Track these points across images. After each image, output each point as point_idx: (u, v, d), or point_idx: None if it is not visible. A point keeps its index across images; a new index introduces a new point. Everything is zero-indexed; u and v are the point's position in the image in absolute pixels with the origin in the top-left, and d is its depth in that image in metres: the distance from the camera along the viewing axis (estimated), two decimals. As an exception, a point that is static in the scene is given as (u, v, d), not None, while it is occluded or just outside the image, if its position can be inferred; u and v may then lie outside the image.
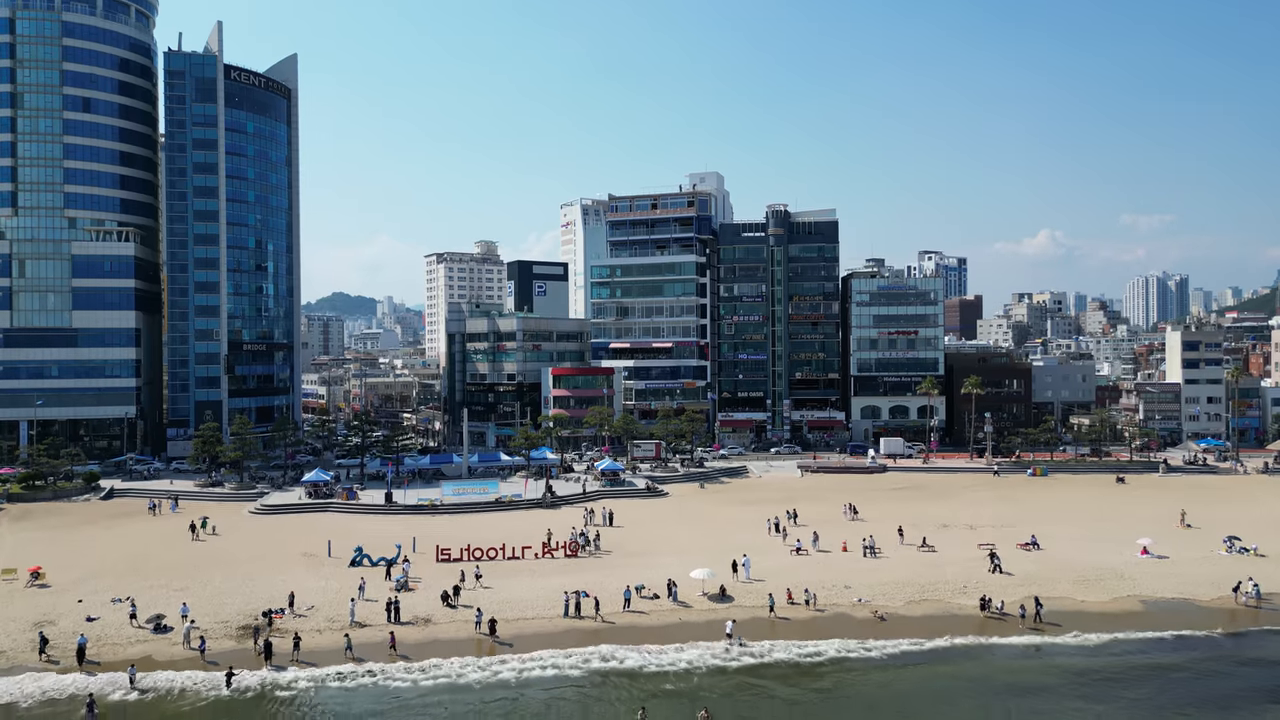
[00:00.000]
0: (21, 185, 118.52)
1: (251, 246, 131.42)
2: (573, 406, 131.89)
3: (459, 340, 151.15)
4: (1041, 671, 48.21)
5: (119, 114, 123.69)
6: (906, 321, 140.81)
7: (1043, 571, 64.66)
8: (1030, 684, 46.50)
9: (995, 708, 43.80)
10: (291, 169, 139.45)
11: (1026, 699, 44.51)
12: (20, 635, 52.31)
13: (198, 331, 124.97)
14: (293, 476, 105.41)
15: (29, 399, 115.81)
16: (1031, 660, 49.90)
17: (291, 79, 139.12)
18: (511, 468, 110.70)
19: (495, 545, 70.18)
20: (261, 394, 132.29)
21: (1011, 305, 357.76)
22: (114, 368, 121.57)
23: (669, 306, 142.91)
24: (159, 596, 58.79)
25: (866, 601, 58.25)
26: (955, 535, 76.60)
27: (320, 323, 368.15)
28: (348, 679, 46.94)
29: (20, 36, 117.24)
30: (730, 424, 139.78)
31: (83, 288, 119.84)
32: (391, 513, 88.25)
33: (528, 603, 57.64)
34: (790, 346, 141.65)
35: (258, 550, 73.18)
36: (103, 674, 46.88)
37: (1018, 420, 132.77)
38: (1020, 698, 44.69)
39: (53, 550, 72.09)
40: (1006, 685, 46.51)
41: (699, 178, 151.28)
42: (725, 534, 76.42)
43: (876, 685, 46.43)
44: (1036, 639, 52.67)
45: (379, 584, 61.51)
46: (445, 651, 50.15)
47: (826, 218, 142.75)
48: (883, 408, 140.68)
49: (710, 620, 54.97)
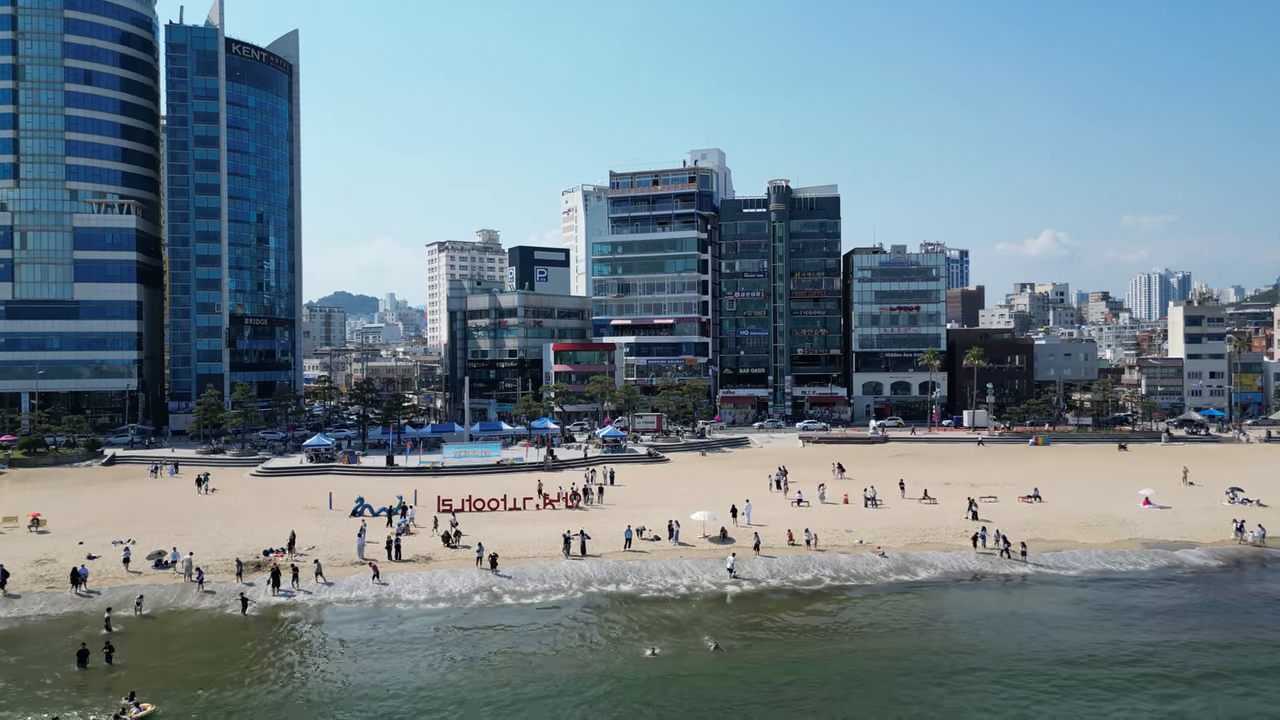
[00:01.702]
0: (23, 157, 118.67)
1: (253, 221, 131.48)
2: (574, 382, 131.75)
3: (460, 317, 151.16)
4: (1039, 597, 48.43)
5: (120, 87, 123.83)
6: (908, 297, 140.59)
7: (1044, 519, 64.63)
8: (1023, 609, 46.78)
9: (986, 626, 43.89)
10: (293, 145, 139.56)
11: (1018, 622, 44.65)
12: (22, 571, 52.33)
13: (199, 305, 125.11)
14: (294, 445, 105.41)
15: (30, 371, 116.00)
16: (1024, 589, 50.39)
17: (293, 54, 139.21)
18: (513, 437, 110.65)
19: (497, 497, 70.18)
20: (263, 369, 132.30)
21: (1014, 295, 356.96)
22: (115, 340, 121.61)
23: (670, 283, 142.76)
24: (160, 541, 58.72)
25: (867, 543, 58.19)
26: (957, 491, 76.38)
27: (322, 314, 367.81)
28: (351, 601, 47.09)
29: (21, 8, 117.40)
30: (732, 400, 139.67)
31: (84, 260, 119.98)
32: (393, 474, 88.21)
33: (528, 543, 57.66)
34: (792, 323, 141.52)
35: (259, 504, 73.25)
36: (109, 600, 46.93)
37: (1019, 396, 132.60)
38: (1013, 621, 44.80)
39: (54, 505, 72.06)
40: (1000, 609, 46.69)
41: (700, 154, 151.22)
42: (727, 490, 76.11)
43: (873, 610, 46.45)
44: (1027, 569, 53.15)
45: (380, 531, 61.45)
46: (447, 583, 50.22)
47: (828, 193, 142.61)
48: (884, 384, 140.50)
49: (710, 557, 54.96)
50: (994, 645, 41.19)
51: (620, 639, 42.26)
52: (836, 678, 37.53)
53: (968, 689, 36.37)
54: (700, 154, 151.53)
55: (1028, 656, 39.70)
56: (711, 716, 34.07)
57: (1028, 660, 39.29)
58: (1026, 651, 40.30)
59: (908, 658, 39.60)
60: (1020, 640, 41.78)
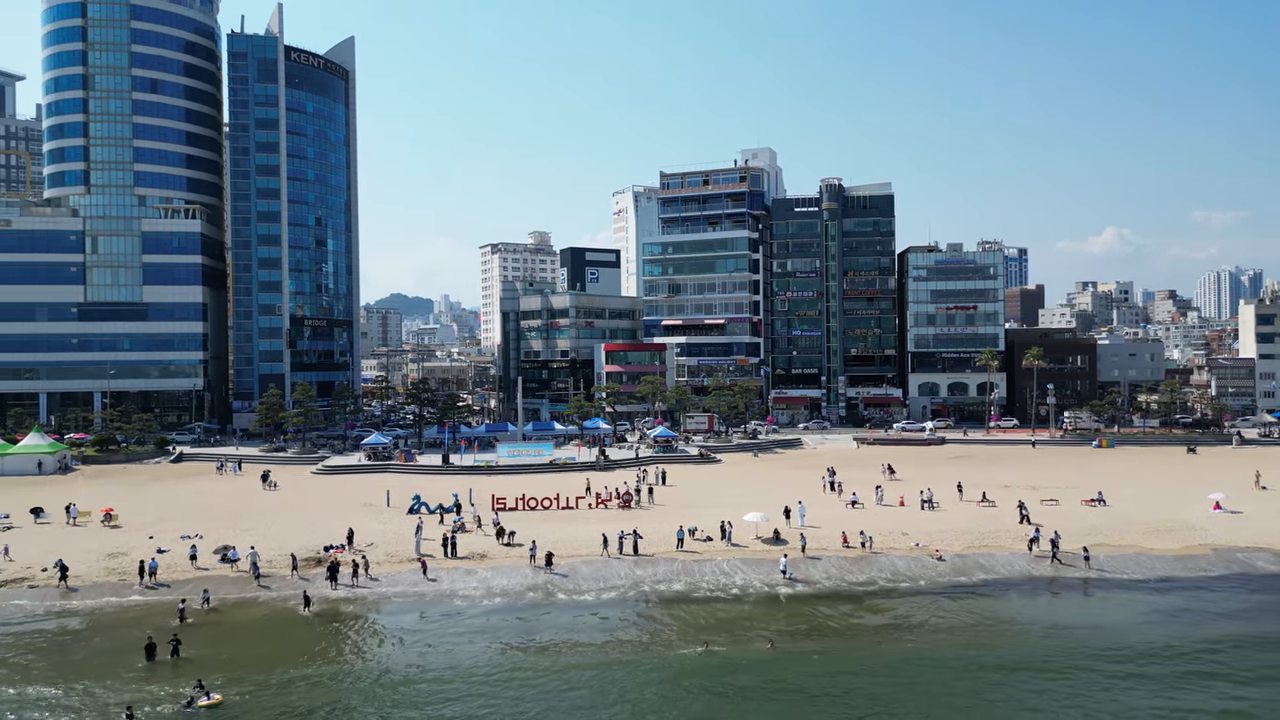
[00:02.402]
0: (94, 164, 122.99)
1: (311, 224, 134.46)
2: (625, 382, 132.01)
3: (513, 318, 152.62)
4: (1101, 602, 47.33)
5: (185, 95, 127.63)
6: (965, 296, 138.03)
7: (1108, 523, 62.86)
8: (1084, 613, 45.87)
9: (1044, 629, 43.07)
10: (349, 149, 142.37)
11: (1078, 625, 43.80)
12: (95, 564, 54.31)
13: (261, 307, 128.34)
14: (353, 444, 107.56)
15: (102, 371, 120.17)
16: (1086, 593, 49.30)
17: (349, 61, 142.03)
18: (565, 436, 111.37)
19: (550, 496, 70.71)
20: (322, 369, 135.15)
21: (1075, 294, 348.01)
22: (182, 341, 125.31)
23: (721, 283, 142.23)
24: (225, 536, 60.36)
25: (924, 545, 57.27)
26: (1016, 494, 74.58)
27: (379, 315, 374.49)
28: (408, 596, 47.98)
29: (91, 20, 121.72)
30: (784, 400, 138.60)
31: (152, 263, 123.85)
32: (448, 473, 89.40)
33: (581, 542, 57.94)
34: (845, 322, 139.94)
35: (319, 501, 74.92)
36: (176, 593, 48.41)
37: (1081, 397, 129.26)
38: (1072, 624, 43.95)
39: (125, 500, 74.45)
40: (1059, 612, 45.83)
41: (751, 153, 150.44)
42: (779, 491, 75.54)
43: (929, 612, 45.77)
44: (1089, 573, 52.01)
45: (437, 528, 62.33)
46: (501, 581, 50.84)
47: (881, 191, 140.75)
48: (941, 384, 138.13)
49: (764, 559, 54.63)
50: (1051, 647, 40.53)
51: (673, 636, 42.40)
52: (891, 676, 37.36)
53: (1024, 688, 35.97)
54: (751, 153, 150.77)
55: (1086, 657, 39.00)
56: (765, 708, 34.04)
57: (1086, 660, 38.66)
58: (1084, 653, 39.56)
59: (963, 658, 39.19)
60: (1078, 642, 41.04)
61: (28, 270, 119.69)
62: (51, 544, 57.99)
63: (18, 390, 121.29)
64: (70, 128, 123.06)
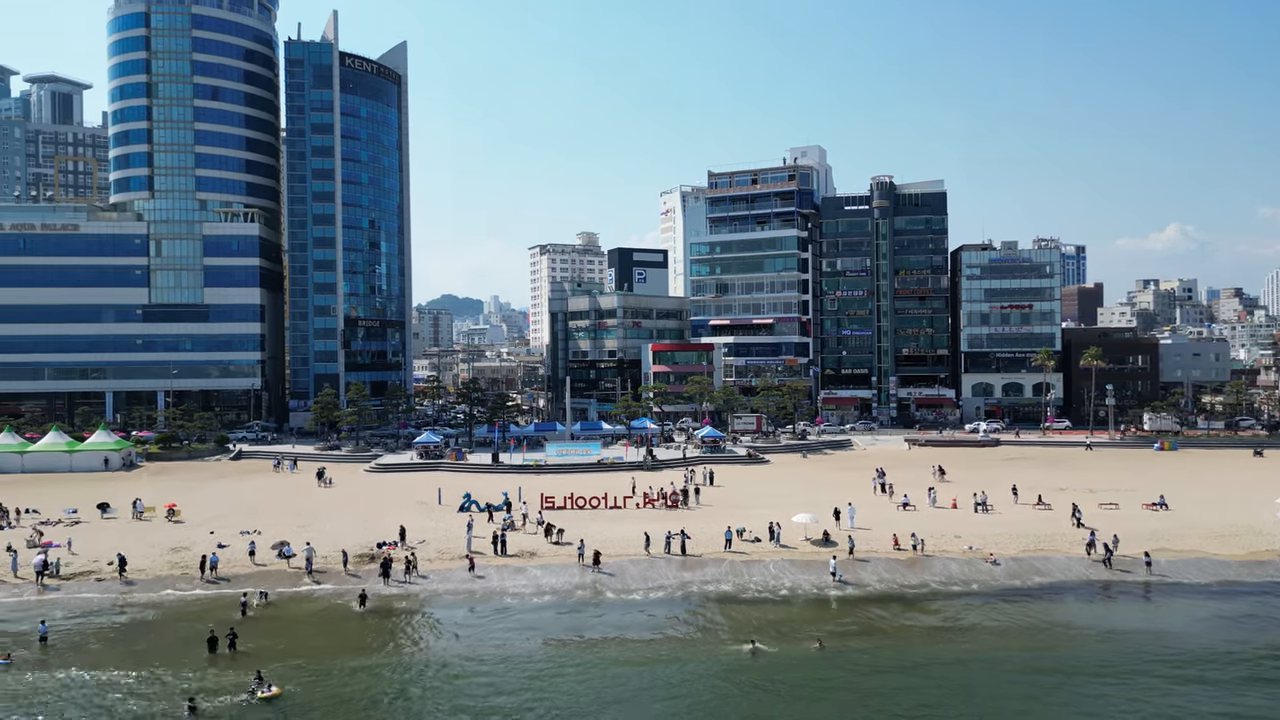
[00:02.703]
0: (157, 170, 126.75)
1: (365, 227, 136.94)
2: (672, 382, 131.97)
3: (561, 319, 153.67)
4: (1162, 608, 46.18)
5: (244, 102, 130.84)
6: (1020, 295, 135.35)
7: (1170, 528, 61.17)
8: (1144, 618, 44.87)
9: (1102, 633, 42.17)
10: (401, 152, 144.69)
11: (1137, 630, 42.78)
12: (159, 558, 56.02)
13: (316, 308, 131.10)
14: (405, 442, 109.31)
15: (165, 370, 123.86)
16: (1146, 598, 48.16)
17: (401, 65, 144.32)
18: (613, 436, 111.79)
19: (598, 495, 71.08)
20: (375, 369, 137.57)
21: (1136, 293, 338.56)
22: (240, 342, 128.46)
23: (770, 282, 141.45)
24: (283, 532, 61.70)
25: (978, 549, 56.30)
26: (1073, 497, 72.89)
27: (430, 316, 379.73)
28: (459, 593, 48.75)
29: (155, 29, 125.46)
30: (834, 401, 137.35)
31: (212, 266, 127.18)
32: (498, 471, 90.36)
33: (629, 541, 58.10)
34: (896, 322, 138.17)
35: (372, 498, 76.29)
36: (235, 588, 49.76)
37: (1142, 398, 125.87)
38: (1131, 629, 42.93)
39: (187, 497, 76.63)
40: (1118, 617, 44.72)
41: (800, 152, 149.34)
42: (829, 492, 74.92)
43: (982, 616, 45.03)
44: (1150, 578, 50.80)
45: (486, 526, 63.10)
46: (550, 580, 51.32)
47: (934, 189, 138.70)
48: (995, 385, 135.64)
49: (813, 561, 54.23)
50: (1109, 650, 39.80)
51: (722, 635, 42.43)
52: (944, 679, 37.02)
53: (1081, 693, 35.39)
54: (800, 151, 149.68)
55: (1145, 662, 38.32)
56: (814, 707, 33.92)
57: (1145, 664, 38.02)
58: (1143, 657, 38.82)
59: (1017, 661, 38.74)
60: (1137, 646, 40.26)
61: (95, 273, 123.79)
62: (117, 538, 59.92)
63: (85, 389, 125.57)
64: (135, 134, 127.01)
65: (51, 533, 62.04)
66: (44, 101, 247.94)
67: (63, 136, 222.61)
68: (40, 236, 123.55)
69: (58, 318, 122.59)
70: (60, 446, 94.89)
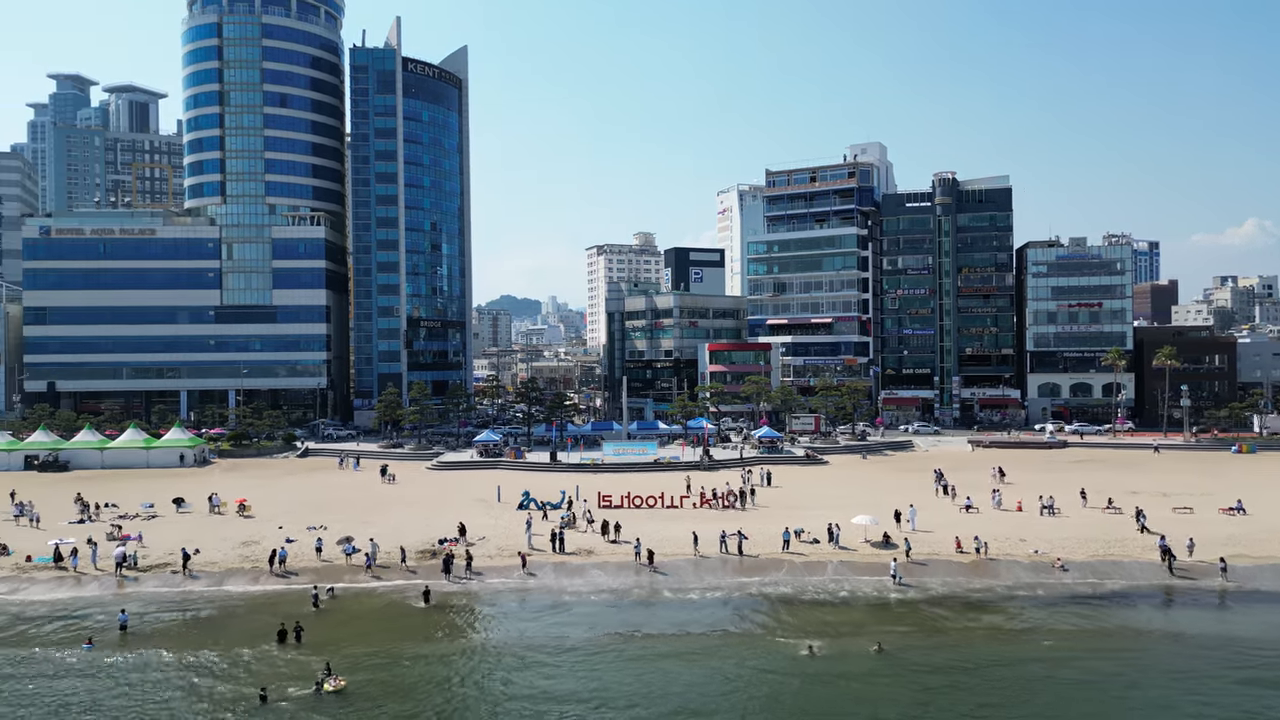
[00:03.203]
0: (229, 175, 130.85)
1: (427, 229, 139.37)
2: (729, 382, 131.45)
3: (618, 319, 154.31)
4: (1238, 614, 44.85)
5: (311, 108, 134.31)
6: (1089, 293, 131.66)
7: (1248, 533, 58.96)
8: (1218, 625, 43.43)
9: (1171, 639, 40.94)
10: (462, 155, 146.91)
11: (1208, 637, 41.46)
12: (231, 551, 57.93)
13: (380, 309, 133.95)
14: (465, 441, 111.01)
15: (236, 370, 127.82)
16: (1221, 605, 46.74)
17: (462, 69, 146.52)
18: (669, 436, 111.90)
19: (654, 494, 71.25)
20: (437, 368, 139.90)
21: (1213, 290, 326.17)
22: (307, 342, 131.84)
23: (828, 281, 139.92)
24: (348, 527, 63.12)
25: (1044, 553, 54.97)
26: (1146, 500, 70.81)
27: (490, 316, 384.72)
28: (519, 590, 49.42)
29: (226, 39, 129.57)
30: (894, 401, 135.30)
31: (281, 268, 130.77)
32: (556, 470, 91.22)
33: (686, 541, 58.09)
34: (959, 321, 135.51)
35: (434, 495, 77.67)
36: (302, 582, 51.19)
37: (1219, 399, 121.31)
38: (1202, 636, 41.58)
39: (257, 493, 78.83)
40: (1190, 624, 43.41)
41: (860, 149, 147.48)
42: (889, 494, 73.96)
43: (1047, 621, 43.95)
44: (1226, 584, 49.36)
45: (544, 524, 63.75)
46: (607, 579, 51.68)
47: (998, 184, 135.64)
48: (1062, 385, 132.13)
49: (873, 563, 53.58)
50: (1179, 655, 38.73)
51: (779, 634, 42.19)
52: (1007, 682, 36.36)
53: (1149, 698, 34.47)
54: (860, 148, 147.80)
55: (1220, 668, 37.18)
56: (874, 707, 33.59)
57: (1219, 670, 36.93)
58: (1216, 662, 37.72)
59: (1084, 666, 37.57)
60: (1209, 652, 39.15)
61: (170, 276, 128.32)
62: (191, 532, 62.11)
63: (161, 388, 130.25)
64: (208, 141, 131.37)
65: (129, 526, 64.52)
66: (122, 110, 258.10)
67: (140, 144, 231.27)
68: (119, 241, 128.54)
69: (135, 319, 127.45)
70: (138, 443, 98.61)
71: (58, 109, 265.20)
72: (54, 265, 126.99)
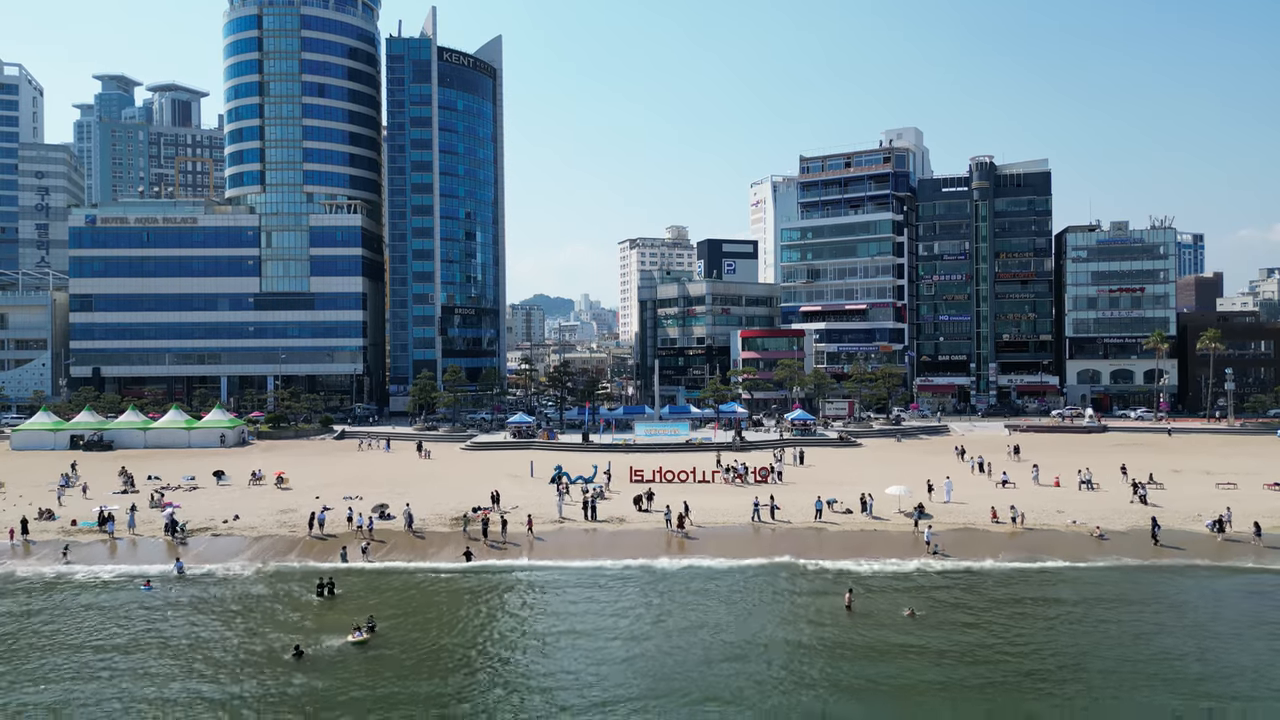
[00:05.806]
0: (269, 165, 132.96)
1: (461, 217, 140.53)
2: (762, 369, 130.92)
3: (650, 306, 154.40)
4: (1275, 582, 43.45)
5: (348, 98, 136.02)
6: (1131, 278, 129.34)
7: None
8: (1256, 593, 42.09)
9: (1213, 608, 40.02)
10: (496, 145, 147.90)
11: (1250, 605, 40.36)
12: (270, 517, 58.98)
13: (415, 296, 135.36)
14: (499, 423, 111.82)
15: (274, 356, 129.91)
16: (1259, 573, 45.66)
17: (496, 59, 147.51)
18: (700, 420, 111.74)
19: (686, 469, 71.25)
20: (470, 355, 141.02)
21: (1259, 282, 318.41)
22: (344, 329, 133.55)
23: (863, 267, 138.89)
24: (382, 497, 64.03)
25: (1082, 523, 54.14)
26: (1188, 478, 69.57)
27: (523, 312, 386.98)
28: (549, 554, 49.68)
29: (266, 31, 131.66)
30: (930, 388, 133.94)
31: (318, 256, 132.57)
32: (588, 450, 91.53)
33: (717, 510, 58.11)
34: (996, 307, 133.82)
35: (467, 472, 78.37)
36: (339, 543, 51.99)
37: (1265, 385, 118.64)
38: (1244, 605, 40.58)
39: (295, 470, 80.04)
40: (1231, 592, 42.31)
41: (895, 134, 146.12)
42: (923, 472, 73.12)
43: (1081, 589, 43.20)
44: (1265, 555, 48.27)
45: (576, 495, 64.06)
46: (639, 541, 51.83)
47: (1037, 169, 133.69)
48: (1103, 371, 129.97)
49: (906, 533, 53.11)
50: (1216, 626, 37.67)
51: (812, 601, 41.88)
52: (1041, 647, 35.65)
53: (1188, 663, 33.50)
54: (895, 133, 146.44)
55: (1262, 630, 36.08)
56: (907, 670, 33.18)
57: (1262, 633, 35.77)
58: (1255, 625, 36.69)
59: (1126, 632, 36.83)
60: (1242, 616, 38.29)
61: (211, 264, 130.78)
62: (232, 502, 63.35)
63: (202, 374, 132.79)
64: (249, 131, 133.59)
65: (171, 496, 65.95)
66: (164, 108, 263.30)
67: (182, 139, 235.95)
68: (162, 230, 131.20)
69: (177, 306, 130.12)
70: (180, 424, 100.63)
71: (103, 108, 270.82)
72: (99, 254, 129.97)
